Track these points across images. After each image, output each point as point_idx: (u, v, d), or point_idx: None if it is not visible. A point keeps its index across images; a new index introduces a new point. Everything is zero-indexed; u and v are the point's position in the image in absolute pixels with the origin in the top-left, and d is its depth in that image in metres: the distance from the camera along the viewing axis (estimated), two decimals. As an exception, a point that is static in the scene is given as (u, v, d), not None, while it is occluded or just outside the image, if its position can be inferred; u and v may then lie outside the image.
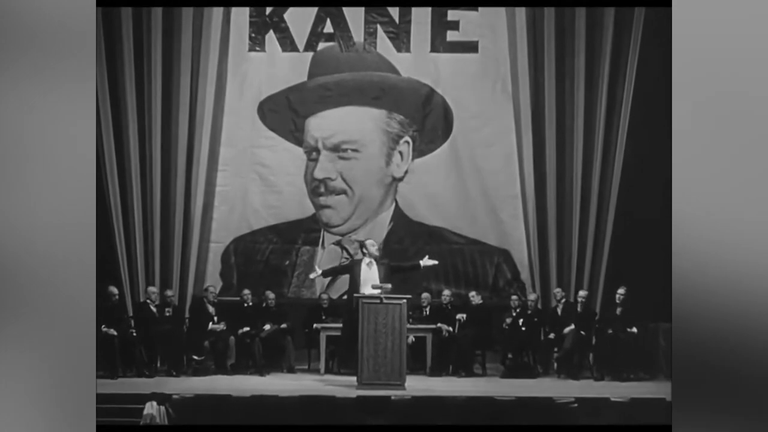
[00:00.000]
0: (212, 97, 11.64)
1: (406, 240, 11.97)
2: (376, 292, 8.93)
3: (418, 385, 9.18)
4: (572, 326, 10.52)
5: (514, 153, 11.79)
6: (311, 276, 10.29)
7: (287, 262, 11.92)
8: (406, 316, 9.08)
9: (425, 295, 11.30)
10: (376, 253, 9.45)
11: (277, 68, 11.93)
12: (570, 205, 11.69)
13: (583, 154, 11.66)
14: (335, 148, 11.90)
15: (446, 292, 11.21)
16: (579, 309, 10.73)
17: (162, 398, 7.54)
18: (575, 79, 11.65)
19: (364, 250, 9.48)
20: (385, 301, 8.83)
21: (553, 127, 11.63)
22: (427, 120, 11.92)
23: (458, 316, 10.79)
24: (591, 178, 11.64)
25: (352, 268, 9.54)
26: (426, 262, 9.54)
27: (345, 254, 11.98)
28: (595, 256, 11.64)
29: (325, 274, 10.24)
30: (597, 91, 11.63)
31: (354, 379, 9.12)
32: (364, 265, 9.35)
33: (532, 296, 11.13)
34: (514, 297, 11.13)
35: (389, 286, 9.01)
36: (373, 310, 8.80)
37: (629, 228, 11.52)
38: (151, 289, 10.81)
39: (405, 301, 8.94)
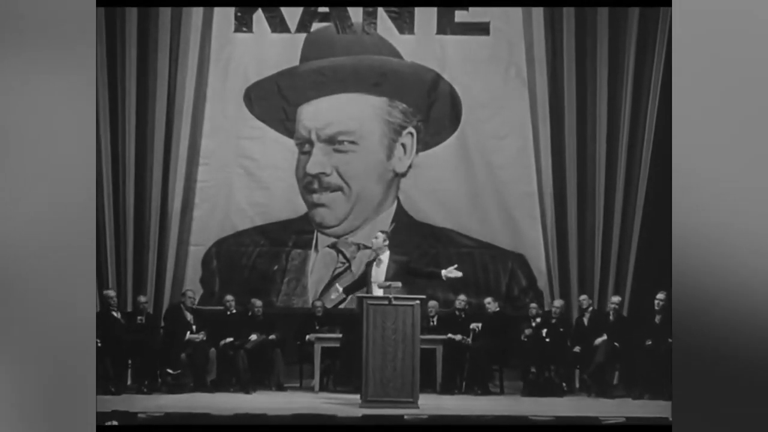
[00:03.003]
0: (193, 83, 10.75)
1: (409, 243, 10.91)
2: (384, 291, 7.63)
3: (427, 404, 7.98)
4: (604, 337, 9.29)
5: (529, 145, 10.88)
6: (333, 297, 8.98)
7: (276, 267, 10.96)
8: (420, 320, 7.77)
9: (432, 303, 10.16)
10: (382, 245, 8.10)
11: (266, 51, 11.01)
12: (593, 204, 10.74)
13: (606, 146, 10.72)
14: (330, 140, 10.94)
15: (461, 297, 10.14)
16: (611, 318, 9.48)
17: (125, 418, 6.29)
18: (597, 63, 10.75)
19: (374, 242, 8.16)
20: (394, 302, 7.53)
21: (573, 116, 10.71)
22: (432, 109, 11.00)
23: (473, 325, 9.69)
24: (616, 172, 10.71)
25: (365, 272, 8.30)
26: (450, 273, 8.02)
27: (341, 258, 11.03)
28: (621, 261, 10.67)
29: (347, 291, 8.87)
30: (622, 76, 10.72)
31: (356, 396, 7.89)
32: (373, 264, 8.10)
33: (557, 302, 9.95)
34: (533, 305, 10.07)
35: (399, 284, 7.74)
36: (381, 312, 7.53)
37: (659, 229, 10.33)
38: (108, 293, 9.69)
39: (418, 302, 7.66)
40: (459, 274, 8.13)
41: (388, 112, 10.96)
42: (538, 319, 9.78)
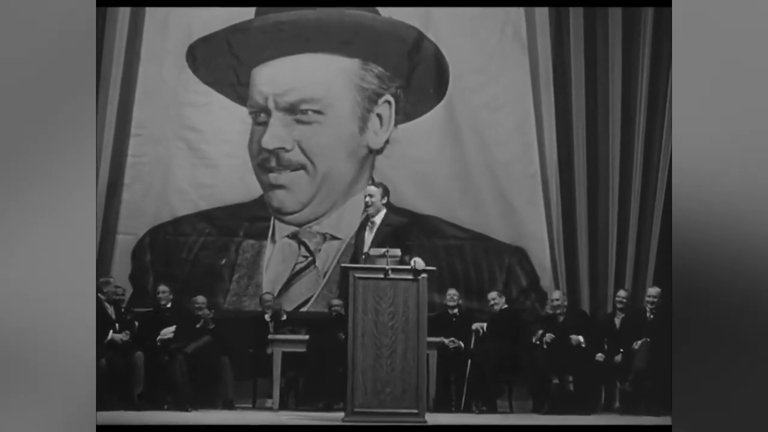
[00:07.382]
0: (124, 39, 9.72)
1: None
2: (380, 259, 5.85)
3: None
4: (645, 339, 7.77)
5: (530, 119, 9.98)
6: None
7: (224, 262, 9.85)
8: (427, 303, 5.94)
9: (419, 301, 8.56)
10: (380, 203, 6.45)
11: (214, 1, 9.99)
12: (605, 188, 9.84)
13: (621, 119, 9.84)
14: (291, 109, 9.93)
15: (451, 291, 8.96)
16: (649, 315, 8.04)
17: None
18: (609, 20, 9.95)
19: (368, 200, 6.42)
20: (391, 275, 5.69)
21: (581, 84, 9.84)
22: (414, 74, 10.07)
23: (476, 325, 8.24)
24: (632, 150, 9.83)
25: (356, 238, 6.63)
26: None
27: (303, 251, 9.86)
28: (640, 254, 9.67)
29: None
30: (637, 37, 9.93)
31: (335, 414, 6.13)
32: (366, 229, 6.44)
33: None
34: (556, 298, 8.69)
35: (398, 251, 6.00)
36: (373, 290, 5.65)
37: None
38: None
39: (425, 276, 5.82)
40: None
41: (361, 77, 10.06)
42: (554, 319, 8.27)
